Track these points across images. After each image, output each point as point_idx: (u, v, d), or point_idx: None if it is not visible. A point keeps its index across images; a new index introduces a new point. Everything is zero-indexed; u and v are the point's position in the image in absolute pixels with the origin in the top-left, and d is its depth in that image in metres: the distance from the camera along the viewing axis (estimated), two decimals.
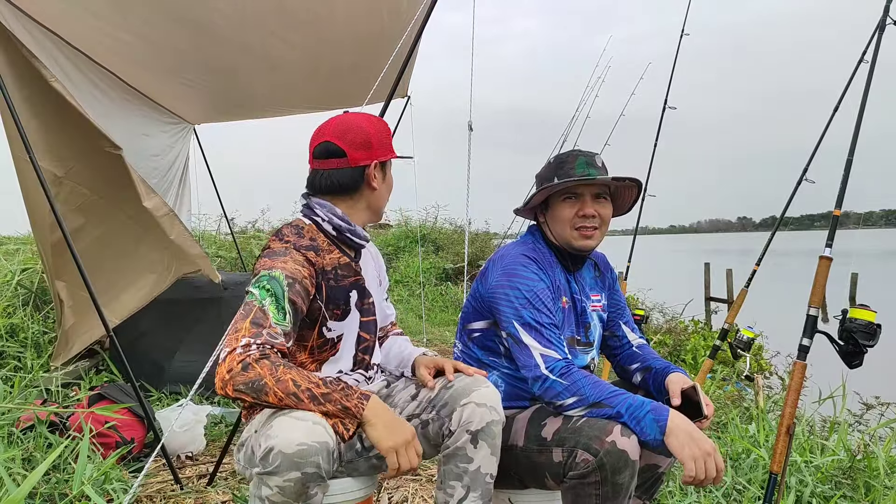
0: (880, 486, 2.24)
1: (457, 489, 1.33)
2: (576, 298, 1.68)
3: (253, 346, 1.21)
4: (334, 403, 1.21)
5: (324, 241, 1.48)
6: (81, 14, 2.81)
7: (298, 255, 1.39)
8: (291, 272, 1.34)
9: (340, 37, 3.33)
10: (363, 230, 1.54)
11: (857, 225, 3.19)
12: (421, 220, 11.62)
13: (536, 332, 1.50)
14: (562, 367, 1.45)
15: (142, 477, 2.08)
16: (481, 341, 1.68)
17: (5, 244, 5.29)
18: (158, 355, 3.53)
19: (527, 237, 1.74)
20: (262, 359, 1.20)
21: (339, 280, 1.47)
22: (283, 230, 1.48)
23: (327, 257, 1.46)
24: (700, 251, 49.38)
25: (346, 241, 1.51)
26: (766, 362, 5.68)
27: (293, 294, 1.31)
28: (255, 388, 1.17)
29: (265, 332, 1.24)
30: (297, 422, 1.16)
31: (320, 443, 1.14)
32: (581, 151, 1.66)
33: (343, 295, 1.48)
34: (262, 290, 1.29)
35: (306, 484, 1.14)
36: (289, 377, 1.19)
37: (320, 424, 1.17)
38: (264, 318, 1.26)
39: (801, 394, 1.80)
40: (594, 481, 1.33)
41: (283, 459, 1.11)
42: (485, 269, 1.69)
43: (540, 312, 1.52)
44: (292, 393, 1.18)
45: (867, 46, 2.14)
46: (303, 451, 1.12)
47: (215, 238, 7.78)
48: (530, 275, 1.57)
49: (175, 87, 3.92)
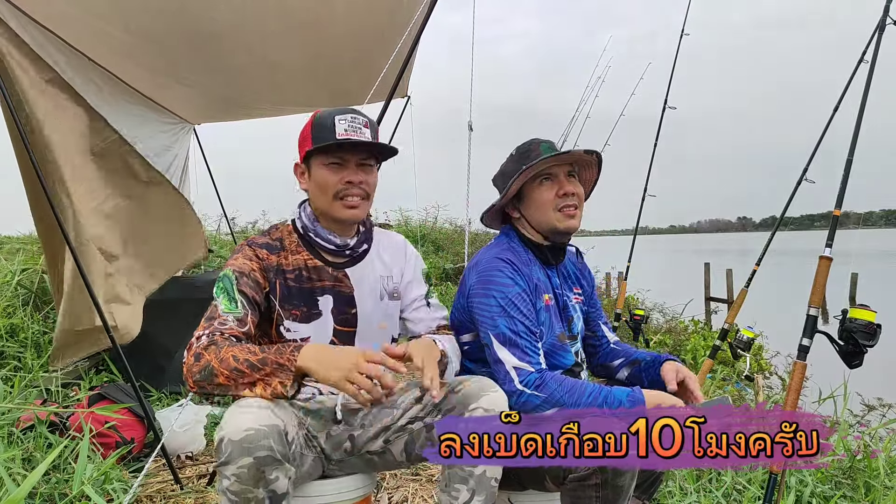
0: (880, 486, 2.24)
1: (462, 492, 1.32)
2: (557, 294, 1.68)
3: (203, 337, 1.31)
4: (270, 364, 1.24)
5: (293, 241, 1.52)
6: (81, 14, 2.81)
7: (249, 250, 1.47)
8: (239, 267, 1.43)
9: (341, 36, 3.33)
10: (330, 233, 1.51)
11: (857, 225, 3.19)
12: (421, 220, 11.60)
13: (510, 344, 1.49)
14: (535, 379, 1.45)
15: (142, 477, 2.08)
16: (472, 354, 1.66)
17: (5, 244, 5.28)
18: (158, 355, 3.54)
19: (501, 238, 1.71)
20: (210, 345, 1.28)
21: (301, 281, 1.48)
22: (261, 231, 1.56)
23: (291, 258, 1.49)
24: (700, 251, 49.40)
25: (316, 244, 1.52)
26: (766, 362, 5.69)
27: (242, 285, 1.40)
28: (207, 374, 1.25)
29: (215, 323, 1.34)
30: (244, 409, 1.18)
31: (268, 426, 1.15)
32: (539, 139, 1.66)
33: (305, 297, 1.48)
34: (218, 288, 1.41)
35: (261, 468, 1.14)
36: (230, 354, 1.25)
37: (267, 408, 1.19)
38: (215, 311, 1.37)
39: (801, 394, 1.80)
40: (594, 483, 1.33)
41: (233, 447, 1.12)
42: (463, 277, 1.68)
43: (515, 320, 1.50)
44: (234, 368, 1.24)
45: (867, 46, 2.14)
46: (250, 435, 1.13)
47: (215, 238, 7.78)
48: (505, 280, 1.54)
49: (174, 86, 3.92)
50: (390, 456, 1.49)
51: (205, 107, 4.51)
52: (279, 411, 1.21)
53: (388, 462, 1.52)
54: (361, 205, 1.49)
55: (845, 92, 2.44)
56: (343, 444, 1.49)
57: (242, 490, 1.14)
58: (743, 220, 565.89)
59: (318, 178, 1.48)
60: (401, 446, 1.47)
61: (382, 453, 1.49)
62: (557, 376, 1.47)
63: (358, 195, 1.48)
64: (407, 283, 1.65)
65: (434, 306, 1.67)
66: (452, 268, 10.13)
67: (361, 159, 1.49)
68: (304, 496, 1.45)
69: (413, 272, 1.66)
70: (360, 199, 1.49)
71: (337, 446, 1.49)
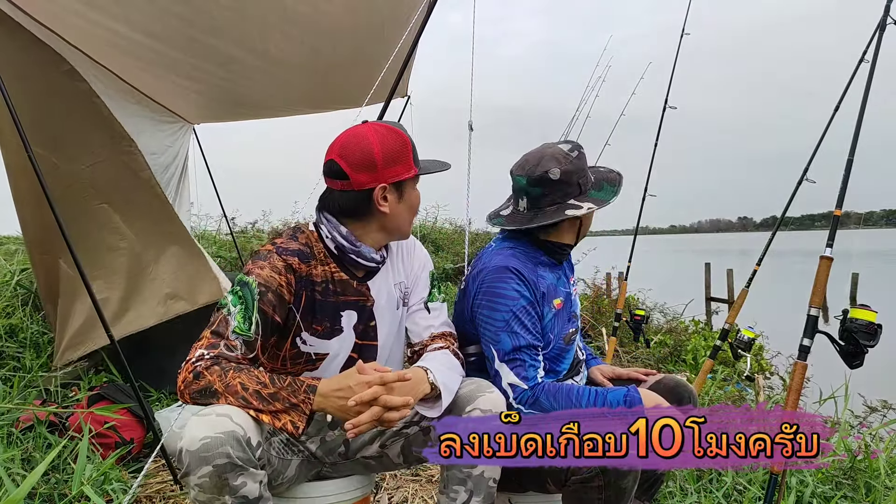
0: (881, 486, 2.23)
1: (460, 493, 1.32)
2: (567, 293, 1.69)
3: (207, 356, 1.25)
4: (282, 401, 1.20)
5: (321, 250, 1.43)
6: (81, 11, 2.80)
7: (278, 259, 1.36)
8: (266, 280, 1.33)
9: (341, 36, 3.33)
10: (373, 251, 1.44)
11: (858, 225, 3.19)
12: (421, 220, 11.59)
13: (510, 360, 1.48)
14: (528, 396, 1.47)
15: (141, 477, 2.08)
16: (478, 365, 1.63)
17: (5, 244, 5.28)
18: (158, 355, 3.53)
19: (506, 242, 1.64)
20: (213, 365, 1.23)
21: (327, 295, 1.41)
22: (283, 233, 1.46)
23: (319, 268, 1.41)
24: (700, 251, 49.38)
25: (349, 262, 1.44)
26: (766, 362, 5.68)
27: (264, 304, 1.32)
28: (207, 395, 1.21)
29: (222, 344, 1.27)
30: (202, 418, 1.16)
31: (225, 433, 1.12)
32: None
33: (330, 311, 1.41)
34: (235, 295, 1.32)
35: (222, 476, 1.12)
36: (237, 381, 1.21)
37: (225, 416, 1.16)
38: (225, 328, 1.28)
39: (801, 394, 1.80)
40: (597, 486, 1.33)
41: (191, 458, 1.11)
42: (465, 285, 1.64)
43: (518, 335, 1.49)
44: (241, 396, 1.20)
45: (867, 46, 2.14)
46: (207, 444, 1.11)
47: (215, 238, 7.77)
48: (510, 292, 1.51)
49: (174, 86, 3.92)
50: (387, 459, 1.49)
51: (205, 106, 4.51)
52: (239, 418, 1.17)
53: (386, 464, 1.51)
54: None
55: (846, 92, 2.44)
56: (338, 448, 1.48)
57: (209, 499, 1.13)
58: (743, 220, 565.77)
59: (413, 200, 1.47)
60: (397, 450, 1.46)
61: (379, 457, 1.48)
62: (549, 389, 1.47)
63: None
64: (413, 286, 1.58)
65: (434, 311, 1.57)
66: (452, 268, 10.13)
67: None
68: (303, 497, 1.45)
69: (420, 272, 1.59)
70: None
71: (331, 451, 1.48)
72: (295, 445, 1.45)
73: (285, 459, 1.41)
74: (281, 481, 1.40)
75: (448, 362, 1.44)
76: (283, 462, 1.40)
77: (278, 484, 1.39)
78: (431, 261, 1.64)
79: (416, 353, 1.53)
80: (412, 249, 1.61)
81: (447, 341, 1.52)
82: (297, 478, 1.44)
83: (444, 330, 1.55)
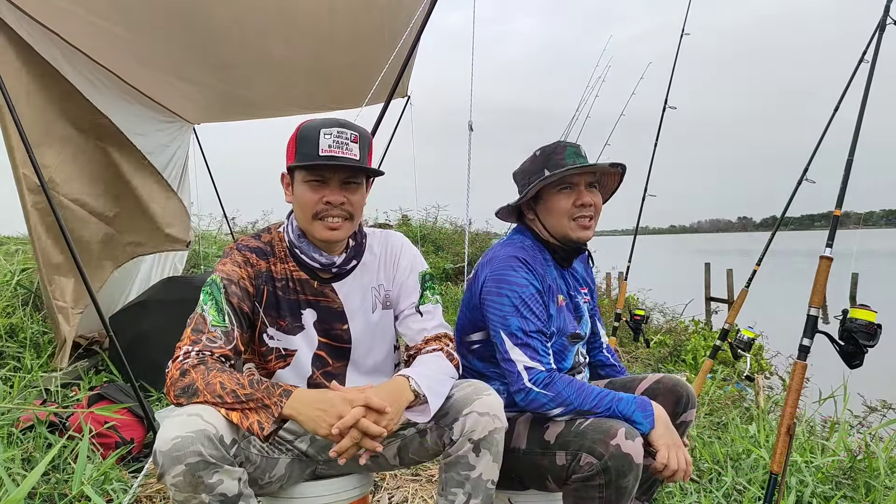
0: (881, 486, 2.23)
1: (458, 496, 1.32)
2: (570, 295, 1.69)
3: (192, 353, 1.29)
4: (256, 402, 1.22)
5: (282, 249, 1.47)
6: (80, 12, 2.81)
7: (238, 255, 1.43)
8: (228, 273, 1.40)
9: (340, 36, 3.33)
10: (321, 252, 1.44)
11: (858, 225, 3.19)
12: (421, 220, 11.60)
13: (522, 343, 1.48)
14: (544, 377, 1.45)
15: (141, 477, 2.08)
16: (482, 353, 1.64)
17: (5, 244, 5.28)
18: (158, 355, 3.51)
19: (515, 236, 1.70)
20: (199, 364, 1.27)
21: (287, 292, 1.45)
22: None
23: (279, 265, 1.45)
24: (700, 251, 49.38)
25: (301, 261, 1.46)
26: (766, 362, 5.68)
27: (230, 295, 1.37)
28: (190, 393, 1.24)
29: (204, 338, 1.31)
30: (173, 419, 1.17)
31: (196, 431, 1.13)
32: (566, 142, 1.65)
33: (290, 308, 1.45)
34: (206, 294, 1.37)
35: (196, 474, 1.12)
36: (217, 380, 1.23)
37: (196, 415, 1.17)
38: (204, 324, 1.33)
39: (801, 394, 1.80)
40: (598, 484, 1.33)
41: (164, 458, 1.12)
42: (475, 273, 1.65)
43: (527, 320, 1.50)
44: (218, 395, 1.22)
45: (867, 46, 2.14)
46: (178, 443, 1.12)
47: (215, 238, 7.77)
48: (520, 279, 1.53)
49: (174, 85, 3.92)
50: (383, 460, 1.48)
51: (205, 106, 4.51)
52: (210, 416, 1.18)
53: (382, 465, 1.51)
54: (343, 226, 1.40)
55: (846, 92, 2.44)
56: (331, 446, 1.48)
57: (186, 498, 1.14)
58: (743, 220, 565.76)
59: (298, 195, 1.40)
60: (393, 451, 1.46)
61: (374, 457, 1.47)
62: (566, 377, 1.47)
63: (339, 216, 1.39)
64: (398, 290, 1.55)
65: (427, 314, 1.53)
66: (452, 268, 10.12)
67: (346, 178, 1.39)
68: (299, 496, 1.45)
69: (405, 277, 1.55)
70: (342, 220, 1.40)
71: (323, 449, 1.48)
72: (282, 444, 1.45)
73: (271, 458, 1.40)
74: (270, 480, 1.39)
75: (437, 365, 1.42)
76: (269, 460, 1.40)
77: (267, 483, 1.39)
78: (423, 261, 1.60)
79: (410, 357, 1.52)
80: (398, 252, 1.57)
81: (441, 343, 1.50)
82: (290, 477, 1.44)
83: (439, 332, 1.52)
